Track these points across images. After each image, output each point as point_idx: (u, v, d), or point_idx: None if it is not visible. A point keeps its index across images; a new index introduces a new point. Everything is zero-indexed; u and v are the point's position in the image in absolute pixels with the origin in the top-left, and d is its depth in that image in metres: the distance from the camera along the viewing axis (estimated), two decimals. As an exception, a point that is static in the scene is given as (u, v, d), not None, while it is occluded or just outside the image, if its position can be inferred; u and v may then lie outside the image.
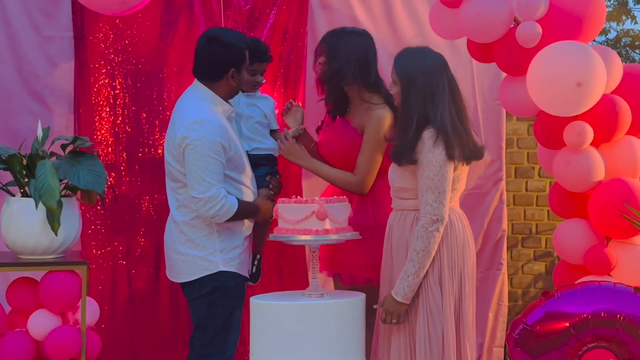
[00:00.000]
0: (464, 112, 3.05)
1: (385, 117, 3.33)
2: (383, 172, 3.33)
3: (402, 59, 3.06)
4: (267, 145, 3.53)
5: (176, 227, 3.27)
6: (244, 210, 3.24)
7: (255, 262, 3.49)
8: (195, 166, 3.12)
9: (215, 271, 3.21)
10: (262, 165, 3.48)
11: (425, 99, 2.95)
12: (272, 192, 3.44)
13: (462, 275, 2.97)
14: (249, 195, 3.32)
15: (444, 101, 2.97)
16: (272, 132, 3.61)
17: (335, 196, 3.18)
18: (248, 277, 3.39)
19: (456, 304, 2.94)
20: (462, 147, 2.95)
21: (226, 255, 3.23)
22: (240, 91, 3.46)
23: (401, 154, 2.96)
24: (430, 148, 2.90)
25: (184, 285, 3.31)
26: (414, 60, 3.02)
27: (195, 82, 3.34)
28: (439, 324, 2.90)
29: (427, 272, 2.91)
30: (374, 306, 3.05)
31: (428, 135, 2.92)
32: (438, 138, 2.91)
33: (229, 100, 3.40)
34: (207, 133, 3.12)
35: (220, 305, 3.23)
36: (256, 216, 3.32)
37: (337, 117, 3.50)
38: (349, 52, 3.35)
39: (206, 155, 3.11)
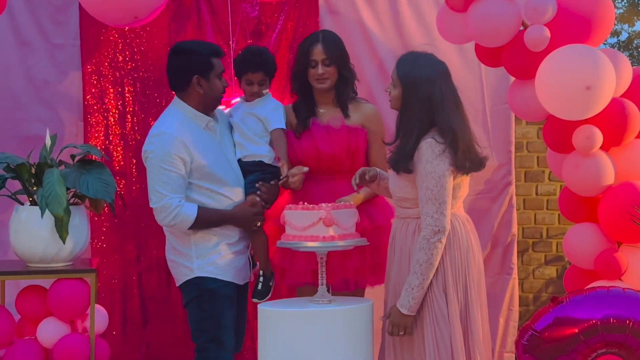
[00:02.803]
0: (468, 123, 3.01)
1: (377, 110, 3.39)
2: None
3: (405, 62, 3.02)
4: (252, 152, 3.43)
5: (166, 235, 3.39)
6: (211, 219, 3.24)
7: (261, 279, 3.42)
8: (150, 178, 3.23)
9: (192, 277, 3.27)
10: (252, 171, 3.42)
11: (429, 106, 2.91)
12: (258, 199, 3.36)
13: (467, 282, 2.94)
14: (226, 204, 3.31)
15: (450, 109, 2.94)
16: (275, 131, 3.46)
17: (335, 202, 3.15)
18: (240, 283, 3.36)
19: (462, 312, 2.91)
20: (464, 157, 2.92)
21: (202, 260, 3.27)
22: (242, 99, 3.46)
23: (399, 161, 2.94)
24: (429, 159, 2.87)
25: (181, 290, 3.39)
26: (418, 66, 2.98)
27: (175, 96, 3.38)
28: (446, 334, 2.87)
29: (431, 282, 2.88)
30: (380, 318, 3.03)
31: (427, 145, 2.89)
32: (438, 148, 2.88)
33: (239, 107, 3.42)
34: (161, 145, 3.20)
35: (207, 309, 3.27)
36: (233, 224, 3.30)
37: (311, 119, 3.47)
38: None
39: (159, 167, 3.18)
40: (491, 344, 3.36)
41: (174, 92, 3.42)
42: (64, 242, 3.05)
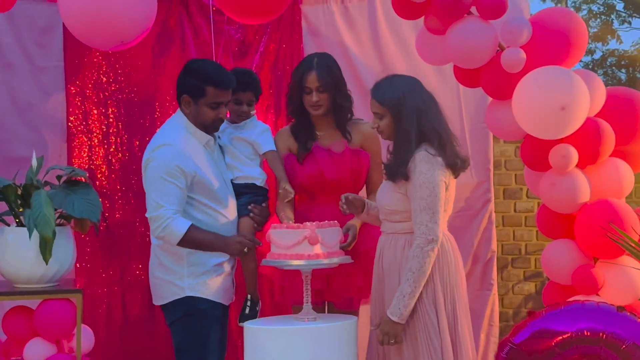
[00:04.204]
0: (447, 125, 3.09)
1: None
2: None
3: (381, 89, 3.06)
4: (245, 173, 3.48)
5: (153, 251, 3.35)
6: (201, 240, 3.20)
7: (248, 304, 3.43)
8: (149, 187, 3.21)
9: (182, 296, 3.25)
10: (244, 193, 3.46)
11: (418, 115, 2.99)
12: (254, 222, 3.41)
13: (455, 297, 3.00)
14: (221, 221, 3.32)
15: (433, 113, 3.03)
16: (269, 153, 3.50)
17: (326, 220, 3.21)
18: (226, 304, 3.36)
19: (451, 326, 2.96)
20: (453, 156, 3.01)
21: (194, 280, 3.25)
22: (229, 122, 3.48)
23: (396, 171, 2.99)
24: (422, 170, 2.93)
25: (162, 309, 3.36)
26: (394, 86, 3.05)
27: (178, 109, 3.40)
28: (437, 345, 2.91)
29: (421, 294, 2.93)
30: (371, 328, 3.06)
31: (420, 157, 2.96)
32: (431, 159, 2.95)
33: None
34: (163, 156, 3.19)
35: (194, 328, 3.26)
36: (223, 250, 3.27)
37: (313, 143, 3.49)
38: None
39: (159, 178, 3.17)
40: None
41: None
42: (47, 264, 3.04)
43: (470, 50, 3.38)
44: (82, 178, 3.28)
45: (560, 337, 2.70)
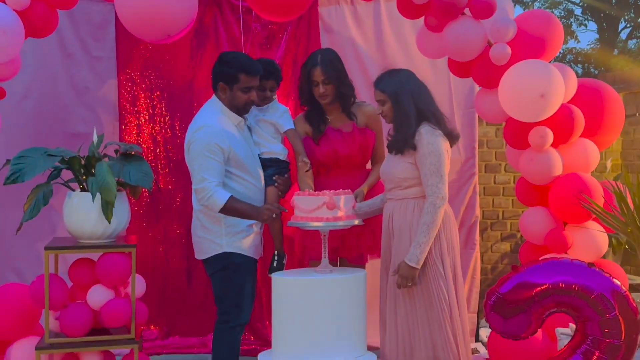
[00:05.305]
0: (438, 107, 3.12)
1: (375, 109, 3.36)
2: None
3: (383, 80, 3.09)
4: (270, 149, 3.48)
5: (195, 215, 3.34)
6: (238, 210, 3.17)
7: (276, 258, 3.46)
8: (193, 163, 3.18)
9: (220, 251, 3.25)
10: (269, 166, 3.46)
11: (415, 97, 3.02)
12: (278, 191, 3.42)
13: (455, 250, 3.05)
14: (252, 190, 3.32)
15: (425, 96, 3.06)
16: (289, 131, 3.49)
17: (341, 189, 3.21)
18: (256, 258, 3.37)
19: (452, 272, 3.02)
20: (449, 130, 3.05)
21: (230, 238, 3.25)
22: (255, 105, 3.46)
23: (404, 143, 3.00)
24: (430, 140, 2.96)
25: (203, 263, 3.36)
26: (392, 76, 3.08)
27: (213, 95, 3.37)
28: (444, 289, 2.97)
29: (430, 248, 2.96)
30: (390, 274, 3.06)
31: (425, 130, 2.98)
32: (435, 132, 2.98)
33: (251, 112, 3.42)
34: (205, 136, 3.16)
35: (231, 280, 3.27)
36: (255, 218, 3.23)
37: (325, 125, 3.47)
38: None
39: (202, 155, 3.15)
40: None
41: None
42: (109, 223, 3.06)
43: (464, 45, 3.36)
44: (137, 152, 3.26)
45: (539, 288, 2.70)
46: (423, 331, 2.96)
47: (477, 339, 4.39)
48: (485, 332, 4.38)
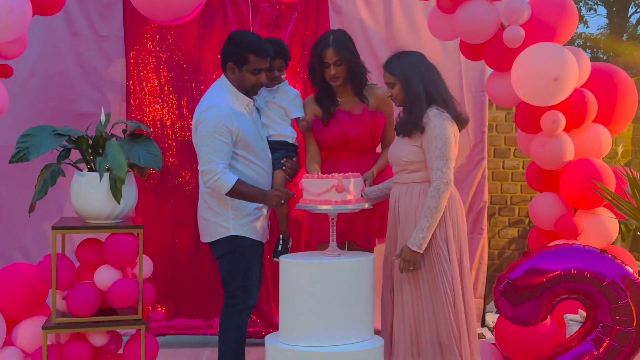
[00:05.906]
0: (448, 89, 3.07)
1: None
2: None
3: (392, 62, 3.04)
4: (279, 132, 3.43)
5: (202, 197, 3.30)
6: (245, 193, 3.13)
7: (281, 242, 3.44)
8: (200, 144, 3.13)
9: (227, 235, 3.22)
10: (277, 149, 3.42)
11: (424, 79, 2.97)
12: (286, 174, 3.38)
13: (461, 235, 3.01)
14: (260, 173, 3.28)
15: (435, 79, 3.00)
16: (297, 119, 3.48)
17: (350, 172, 3.17)
18: (263, 241, 3.34)
19: (458, 256, 2.99)
20: (458, 112, 3.01)
21: (238, 221, 3.22)
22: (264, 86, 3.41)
23: (414, 125, 2.95)
24: (437, 124, 2.91)
25: (210, 245, 3.34)
26: (402, 58, 3.02)
27: (222, 75, 3.32)
28: (448, 272, 2.94)
29: (435, 231, 2.93)
30: (393, 258, 3.04)
31: (433, 113, 2.94)
32: (443, 115, 2.94)
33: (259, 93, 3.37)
34: (213, 117, 3.11)
35: (239, 262, 3.24)
36: (262, 202, 3.20)
37: (335, 107, 3.42)
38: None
39: (210, 136, 3.09)
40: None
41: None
42: (119, 203, 3.04)
43: (477, 27, 3.32)
44: (145, 131, 3.22)
45: (551, 274, 2.67)
46: (427, 315, 2.95)
47: (483, 324, 4.38)
48: (491, 317, 4.37)
